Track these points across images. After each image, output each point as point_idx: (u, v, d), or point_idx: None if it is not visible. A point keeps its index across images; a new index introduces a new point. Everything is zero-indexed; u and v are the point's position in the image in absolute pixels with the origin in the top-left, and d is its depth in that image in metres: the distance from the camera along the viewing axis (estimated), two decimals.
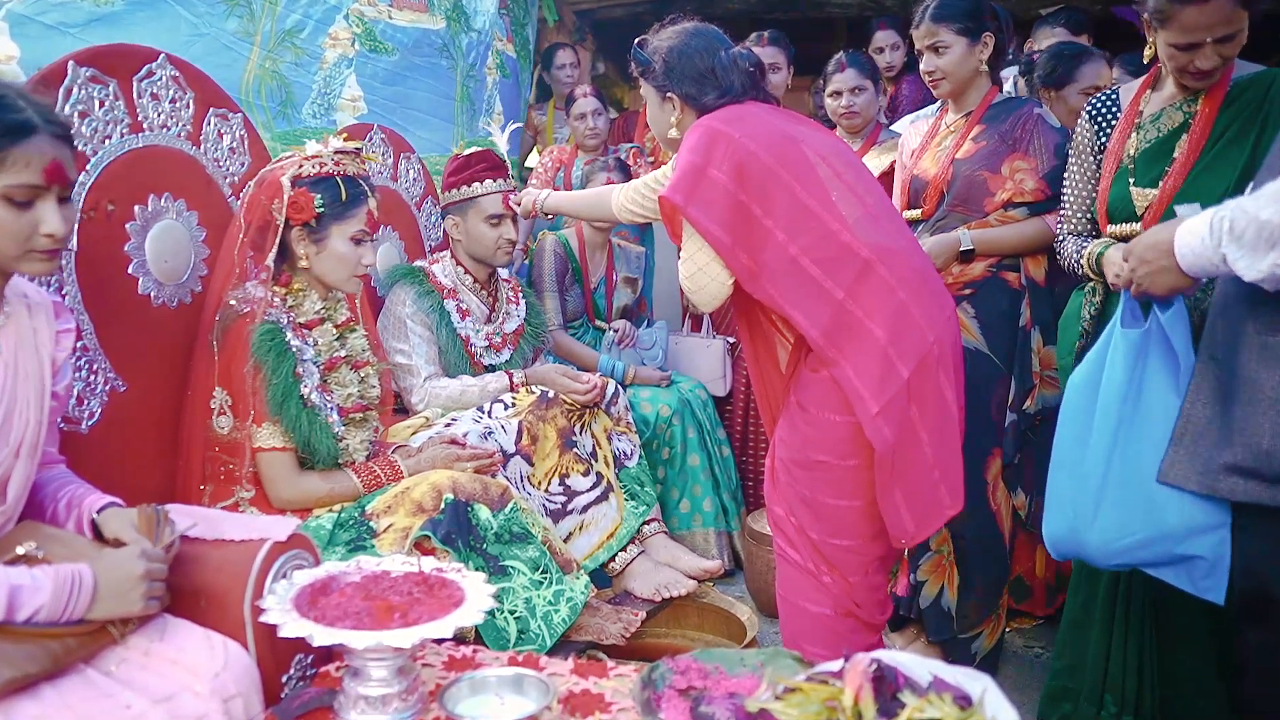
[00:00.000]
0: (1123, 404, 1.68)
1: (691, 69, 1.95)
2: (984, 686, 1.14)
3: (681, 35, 1.99)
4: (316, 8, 3.12)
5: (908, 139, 2.65)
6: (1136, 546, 1.67)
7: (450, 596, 1.45)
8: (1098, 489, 1.69)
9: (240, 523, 1.60)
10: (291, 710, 1.40)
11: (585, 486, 2.62)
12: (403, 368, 2.68)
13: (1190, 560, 1.63)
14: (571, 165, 4.02)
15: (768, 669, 1.34)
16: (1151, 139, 1.97)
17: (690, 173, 1.85)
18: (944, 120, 2.53)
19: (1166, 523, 1.62)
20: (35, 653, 1.24)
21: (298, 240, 2.08)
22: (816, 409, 1.88)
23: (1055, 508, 1.80)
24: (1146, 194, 1.95)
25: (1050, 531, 1.82)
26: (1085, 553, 1.76)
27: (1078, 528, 1.73)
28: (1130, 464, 1.66)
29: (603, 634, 2.30)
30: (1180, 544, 1.62)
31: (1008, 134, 2.37)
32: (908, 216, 2.49)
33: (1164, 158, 1.94)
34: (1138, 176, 1.97)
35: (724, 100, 1.94)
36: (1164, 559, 1.66)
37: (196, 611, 1.48)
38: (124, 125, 1.96)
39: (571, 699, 1.44)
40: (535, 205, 2.59)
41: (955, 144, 2.43)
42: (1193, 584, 1.65)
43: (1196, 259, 1.45)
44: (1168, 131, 1.95)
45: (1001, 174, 2.36)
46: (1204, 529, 1.59)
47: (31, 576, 1.26)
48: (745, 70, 1.97)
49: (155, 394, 2.01)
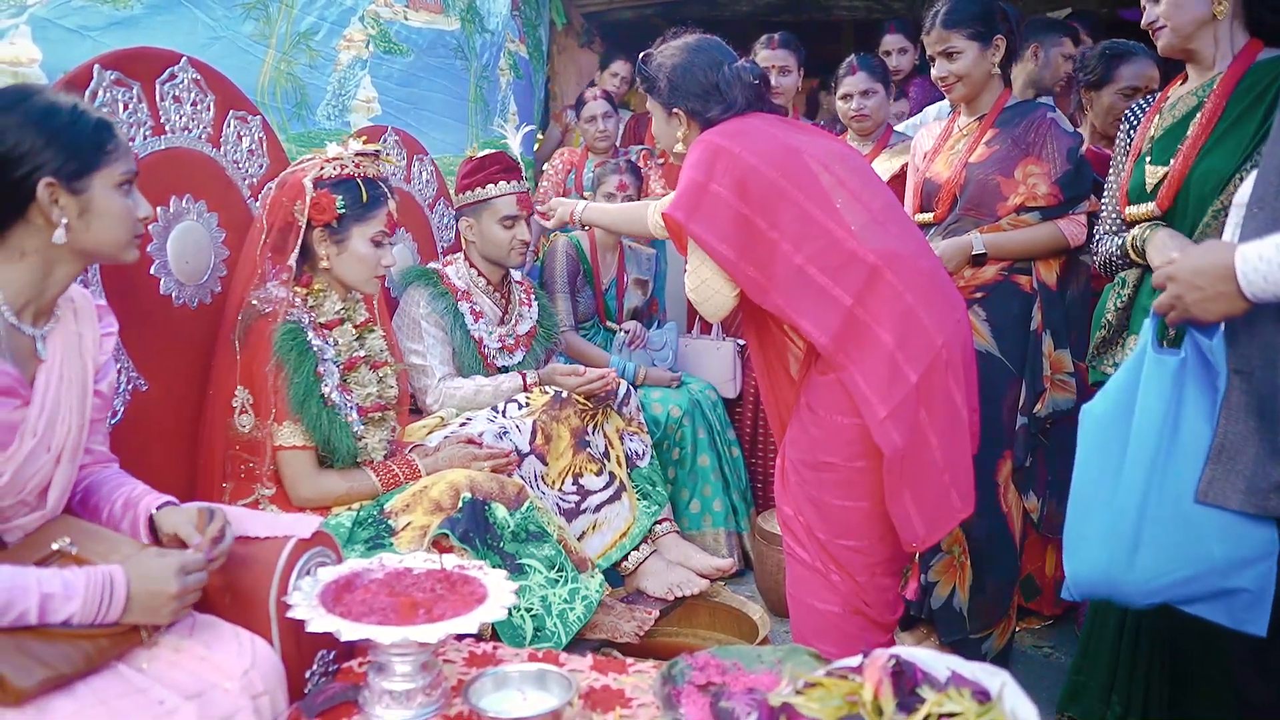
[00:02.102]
0: (1160, 434, 1.55)
1: (695, 85, 1.97)
2: (1002, 681, 1.16)
3: (685, 51, 2.00)
4: (332, 10, 3.14)
5: (920, 141, 2.66)
6: (1179, 584, 1.56)
7: (473, 593, 1.47)
8: (1135, 526, 1.56)
9: (264, 520, 1.63)
10: (316, 705, 1.43)
11: (598, 486, 2.64)
12: (417, 368, 2.71)
13: (1233, 594, 1.53)
14: (583, 167, 4.04)
15: (786, 665, 1.36)
16: (1168, 123, 1.99)
17: (692, 189, 1.87)
18: (956, 123, 2.54)
19: (1212, 556, 1.52)
20: (69, 652, 1.26)
21: (319, 241, 2.11)
22: (825, 411, 1.90)
23: (1083, 548, 1.65)
24: (1158, 171, 1.96)
25: (1078, 574, 1.67)
26: (1120, 593, 1.63)
27: (1113, 569, 1.60)
28: (1169, 497, 1.54)
29: (617, 632, 2.32)
30: (1225, 578, 1.52)
31: (1021, 138, 2.38)
32: (919, 220, 2.49)
33: (1178, 138, 1.95)
34: (1154, 156, 1.98)
35: (728, 114, 1.96)
36: (1206, 594, 1.56)
37: (223, 608, 1.51)
38: (147, 128, 1.98)
39: (592, 694, 1.47)
40: (573, 217, 2.56)
41: (968, 148, 2.44)
42: (1232, 618, 1.55)
43: (1269, 284, 1.35)
44: (1183, 114, 1.97)
45: (1014, 178, 2.37)
46: (1251, 560, 1.50)
47: (64, 583, 1.27)
48: (749, 83, 1.98)
49: (176, 393, 2.04)
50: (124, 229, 1.43)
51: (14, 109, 1.34)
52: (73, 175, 1.36)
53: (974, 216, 2.41)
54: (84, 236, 1.39)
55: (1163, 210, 1.95)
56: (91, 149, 1.38)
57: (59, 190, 1.35)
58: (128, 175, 1.43)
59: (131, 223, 1.44)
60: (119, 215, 1.42)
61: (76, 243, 1.38)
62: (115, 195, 1.41)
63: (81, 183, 1.37)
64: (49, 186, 1.34)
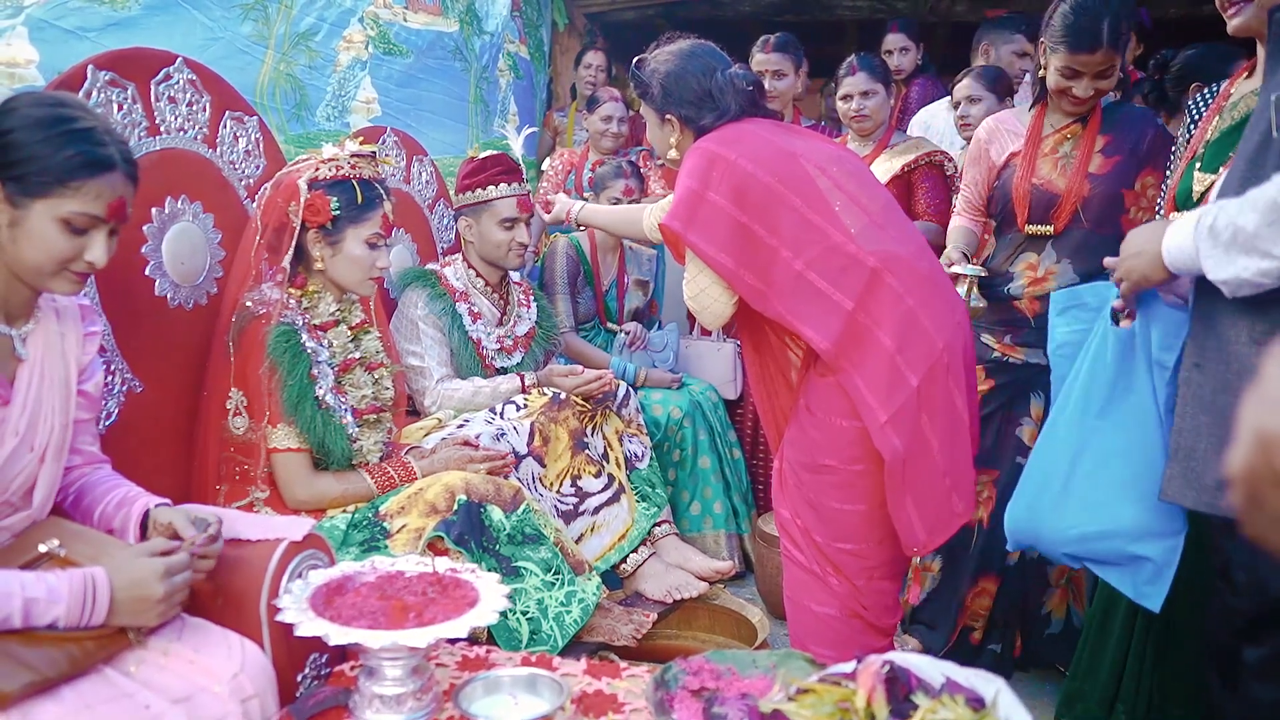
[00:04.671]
0: (1102, 398, 1.68)
1: (688, 91, 1.96)
2: (997, 689, 1.15)
3: (678, 57, 1.99)
4: (331, 11, 3.14)
5: (994, 136, 2.49)
6: (1090, 539, 1.69)
7: (465, 597, 1.46)
8: (1064, 479, 1.70)
9: (256, 523, 1.62)
10: (307, 709, 1.42)
11: (597, 488, 2.63)
12: (415, 370, 2.70)
13: (1138, 562, 1.64)
14: (582, 167, 4.04)
15: (780, 670, 1.34)
16: (1225, 125, 1.89)
17: (688, 198, 1.86)
18: (1047, 120, 2.38)
19: (1122, 518, 1.64)
20: (54, 656, 1.25)
21: (313, 243, 2.10)
22: (824, 413, 1.88)
23: (1018, 493, 1.83)
24: (1206, 179, 1.88)
25: (1009, 517, 1.84)
26: (1039, 542, 1.79)
27: (1038, 516, 1.76)
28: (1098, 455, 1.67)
29: (614, 635, 2.31)
30: (1132, 543, 1.63)
31: (1137, 147, 2.30)
32: (1031, 231, 2.35)
33: (1233, 143, 1.83)
34: (1205, 162, 1.90)
35: (721, 121, 1.94)
36: (1113, 557, 1.67)
37: (213, 610, 1.50)
38: (142, 128, 1.98)
39: (585, 699, 1.45)
40: (569, 216, 2.56)
41: (1083, 157, 2.31)
42: (1135, 588, 1.66)
43: (1180, 253, 1.45)
44: (1240, 117, 1.85)
45: (1135, 189, 2.31)
46: (1159, 534, 1.61)
47: (48, 588, 1.27)
48: (742, 89, 1.96)
49: (171, 395, 2.03)
50: (46, 259, 1.37)
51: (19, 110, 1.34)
52: (20, 190, 1.33)
53: (1096, 230, 2.30)
54: (9, 249, 1.36)
55: None
56: (51, 175, 1.33)
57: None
58: (78, 215, 1.36)
59: (58, 257, 1.37)
60: (47, 246, 1.36)
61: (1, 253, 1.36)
62: (50, 225, 1.35)
63: (22, 200, 1.34)
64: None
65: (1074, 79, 2.22)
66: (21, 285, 1.40)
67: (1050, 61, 2.24)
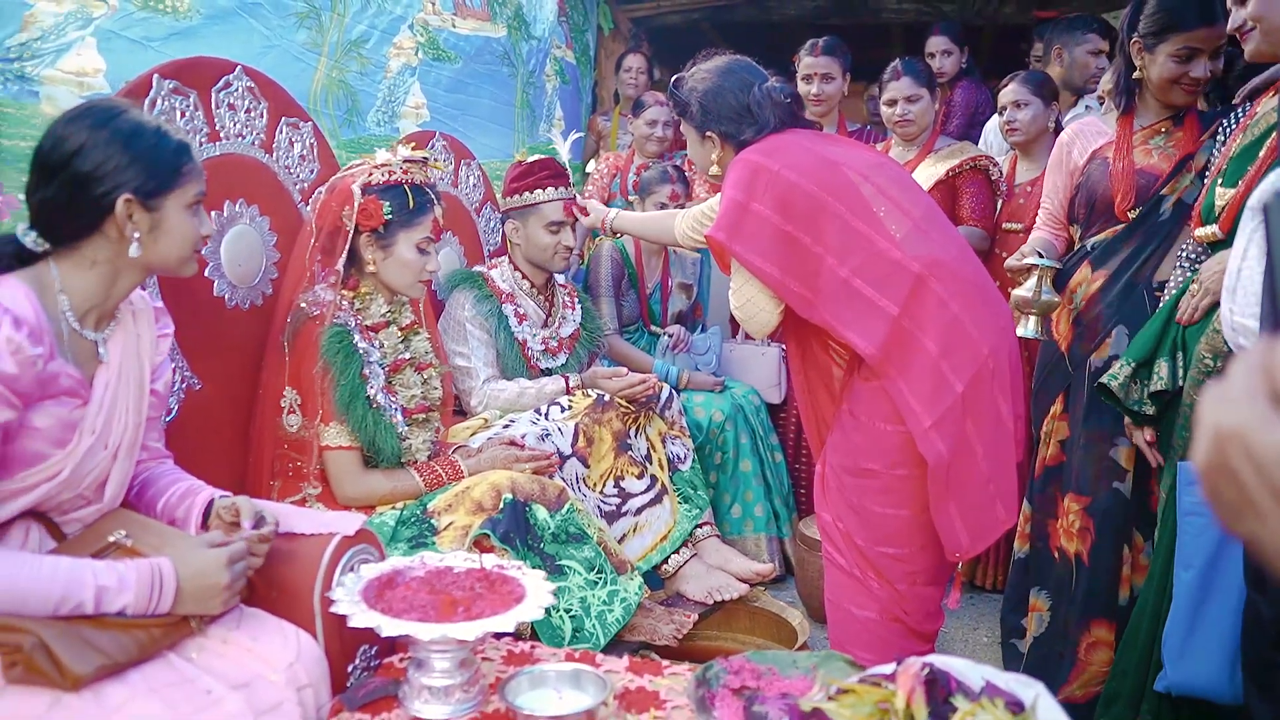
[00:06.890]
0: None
1: (727, 108, 1.99)
2: (1036, 693, 1.15)
3: (715, 74, 2.01)
4: (382, 18, 3.20)
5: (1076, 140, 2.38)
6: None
7: (511, 592, 1.49)
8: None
9: (309, 518, 1.67)
10: (358, 699, 1.46)
11: (639, 489, 2.66)
12: (462, 370, 2.74)
13: None
14: (627, 171, 4.06)
15: (820, 671, 1.36)
16: (1246, 142, 1.89)
17: (734, 209, 1.88)
18: (1137, 121, 2.28)
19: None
20: (123, 641, 1.31)
21: (366, 246, 2.15)
22: (868, 417, 1.89)
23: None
24: (1226, 194, 1.88)
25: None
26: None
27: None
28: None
29: (655, 634, 2.33)
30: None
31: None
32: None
33: (1251, 158, 1.85)
34: (1226, 178, 1.90)
35: (761, 134, 1.96)
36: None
37: (269, 601, 1.54)
38: (203, 134, 2.04)
39: (627, 695, 1.48)
40: (604, 223, 2.61)
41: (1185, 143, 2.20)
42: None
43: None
44: (1261, 132, 1.86)
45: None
46: None
47: (118, 576, 1.32)
48: (780, 102, 1.99)
49: (228, 392, 2.09)
50: (188, 246, 1.50)
51: (103, 126, 1.40)
52: (150, 194, 1.43)
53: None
54: (151, 251, 1.45)
55: (1224, 234, 1.88)
56: (170, 171, 1.45)
57: (135, 207, 1.41)
58: (199, 197, 1.50)
59: (195, 240, 1.51)
60: (185, 233, 1.49)
61: (143, 256, 1.44)
62: (184, 215, 1.48)
63: (156, 201, 1.43)
64: (127, 203, 1.40)
65: (1190, 61, 2.12)
66: (118, 291, 1.47)
67: (1158, 53, 2.14)
